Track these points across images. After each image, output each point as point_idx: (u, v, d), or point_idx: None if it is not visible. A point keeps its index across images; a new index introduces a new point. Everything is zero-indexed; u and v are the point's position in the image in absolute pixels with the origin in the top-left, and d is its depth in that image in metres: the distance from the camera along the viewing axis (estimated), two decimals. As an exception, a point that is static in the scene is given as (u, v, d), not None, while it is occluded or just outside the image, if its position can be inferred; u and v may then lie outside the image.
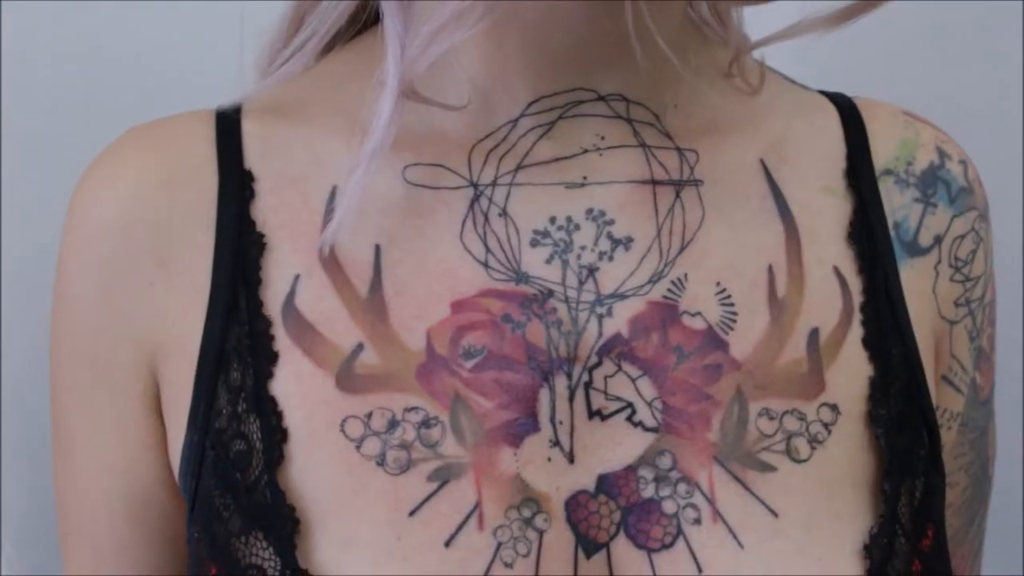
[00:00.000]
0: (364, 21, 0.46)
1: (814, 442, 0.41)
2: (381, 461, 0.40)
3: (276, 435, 0.40)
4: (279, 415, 0.41)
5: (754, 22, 0.46)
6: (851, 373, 0.43)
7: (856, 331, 0.43)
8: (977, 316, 0.49)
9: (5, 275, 0.71)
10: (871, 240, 0.45)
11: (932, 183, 0.47)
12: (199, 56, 0.66)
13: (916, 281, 0.46)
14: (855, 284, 0.44)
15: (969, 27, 0.76)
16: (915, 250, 0.46)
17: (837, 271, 0.44)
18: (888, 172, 0.46)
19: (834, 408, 0.42)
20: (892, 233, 0.46)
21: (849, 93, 0.53)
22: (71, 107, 0.69)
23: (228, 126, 0.45)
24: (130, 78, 0.69)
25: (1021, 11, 0.75)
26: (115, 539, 0.46)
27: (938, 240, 0.47)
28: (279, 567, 0.39)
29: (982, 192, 0.49)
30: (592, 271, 0.42)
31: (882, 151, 0.47)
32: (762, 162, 0.45)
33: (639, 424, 0.40)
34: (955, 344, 0.48)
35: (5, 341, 0.71)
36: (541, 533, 0.39)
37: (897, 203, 0.46)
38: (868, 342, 0.43)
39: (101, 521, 0.46)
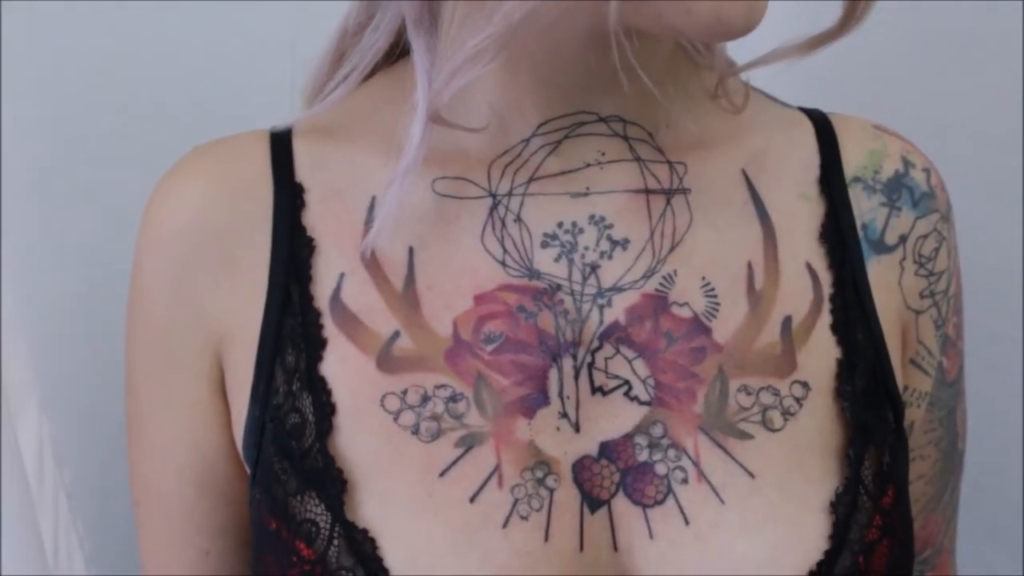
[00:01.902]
0: (398, 53, 0.51)
1: (787, 414, 0.46)
2: (415, 431, 0.45)
3: (326, 409, 0.45)
4: (328, 392, 0.46)
5: (739, 45, 0.51)
6: (820, 354, 0.47)
7: (825, 318, 0.48)
8: (942, 306, 0.53)
9: (69, 281, 0.74)
10: (841, 239, 0.50)
11: (897, 189, 0.52)
12: (250, 82, 0.71)
13: (882, 275, 0.51)
14: (825, 278, 0.49)
15: (967, 26, 0.78)
16: (881, 248, 0.51)
17: (809, 266, 0.49)
18: (857, 179, 0.51)
19: (805, 385, 0.47)
20: (860, 233, 0.50)
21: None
22: (141, 128, 0.73)
23: (281, 145, 0.50)
24: (185, 100, 0.74)
25: (1021, 10, 0.77)
26: (184, 503, 0.51)
27: (903, 239, 0.51)
28: (330, 521, 0.44)
29: (945, 197, 0.53)
30: (594, 268, 0.47)
31: (852, 161, 0.52)
32: (744, 172, 0.50)
33: (635, 398, 0.45)
34: (921, 331, 0.53)
35: (71, 339, 0.75)
36: (552, 491, 0.44)
37: (865, 207, 0.51)
38: (836, 328, 0.48)
39: (172, 487, 0.51)
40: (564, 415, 0.45)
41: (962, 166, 0.77)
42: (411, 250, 0.47)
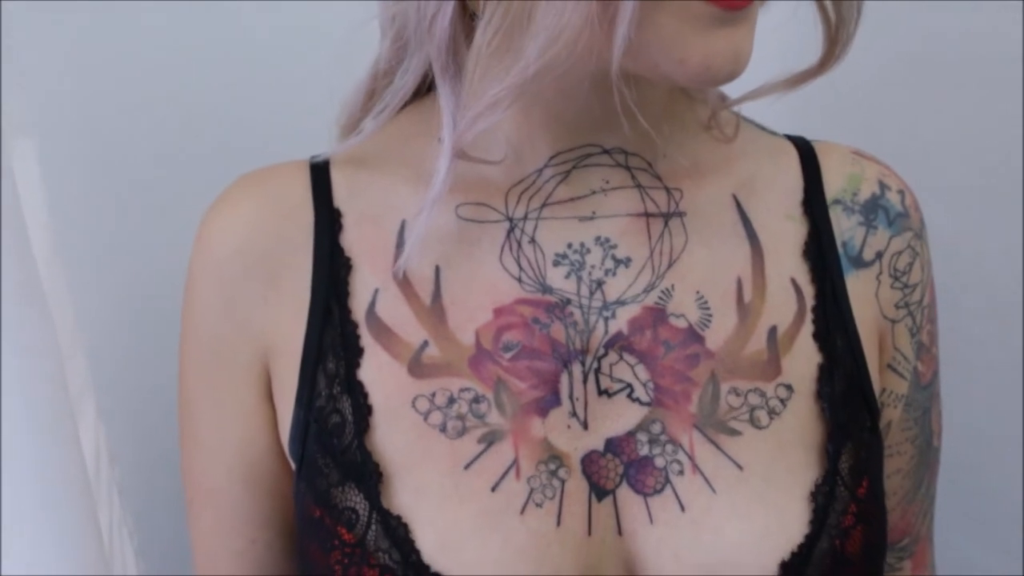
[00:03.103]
0: (426, 88, 0.55)
1: (772, 413, 0.50)
2: (443, 429, 0.49)
3: (363, 410, 0.50)
4: (366, 395, 0.50)
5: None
6: (803, 360, 0.52)
7: (808, 328, 0.53)
8: (916, 316, 0.58)
9: (124, 296, 0.78)
10: (822, 256, 0.54)
11: (874, 210, 0.56)
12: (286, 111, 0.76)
13: (860, 288, 0.55)
14: (808, 291, 0.53)
15: (968, 29, 0.81)
16: (859, 263, 0.55)
17: (793, 281, 0.53)
18: (837, 201, 0.56)
19: (788, 387, 0.51)
20: (840, 250, 0.55)
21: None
22: (193, 137, 0.78)
23: (320, 174, 0.54)
24: (229, 112, 0.78)
25: (1021, 15, 0.79)
26: (233, 497, 0.56)
27: (879, 255, 0.56)
28: (367, 509, 0.48)
29: (918, 216, 0.58)
30: (600, 284, 0.52)
31: (833, 184, 0.56)
32: (734, 196, 0.54)
33: (636, 400, 0.50)
34: (897, 338, 0.57)
35: (125, 349, 0.80)
36: (563, 482, 0.48)
37: (845, 226, 0.56)
38: (817, 336, 0.53)
39: (222, 484, 0.56)
40: (574, 415, 0.50)
41: (963, 174, 0.81)
42: (437, 268, 0.52)
